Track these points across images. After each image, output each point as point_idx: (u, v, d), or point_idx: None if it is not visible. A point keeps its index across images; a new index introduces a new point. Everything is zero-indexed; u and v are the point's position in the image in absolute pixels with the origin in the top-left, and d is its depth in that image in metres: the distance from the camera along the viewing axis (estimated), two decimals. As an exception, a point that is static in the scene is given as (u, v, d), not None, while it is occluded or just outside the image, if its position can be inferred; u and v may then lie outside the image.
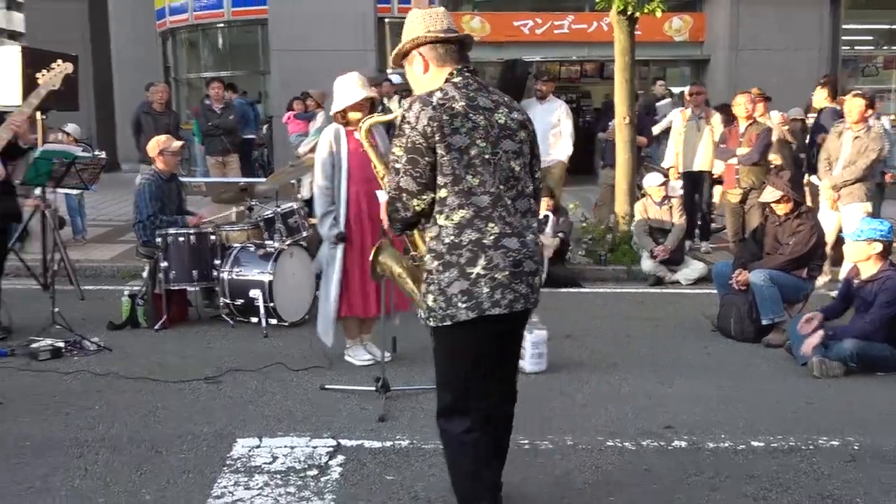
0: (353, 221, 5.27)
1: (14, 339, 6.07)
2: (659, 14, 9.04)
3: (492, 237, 2.89)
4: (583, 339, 6.28)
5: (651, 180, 8.69)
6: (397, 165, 2.91)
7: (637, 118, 9.65)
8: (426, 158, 2.87)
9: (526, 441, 4.23)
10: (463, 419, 3.04)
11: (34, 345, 5.70)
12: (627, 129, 9.24)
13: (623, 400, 4.93)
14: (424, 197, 2.91)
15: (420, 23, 3.04)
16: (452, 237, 2.90)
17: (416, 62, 3.08)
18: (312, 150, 9.97)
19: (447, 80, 3.00)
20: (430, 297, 2.96)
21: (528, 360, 5.34)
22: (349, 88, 5.17)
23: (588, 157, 14.10)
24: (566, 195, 10.64)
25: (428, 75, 3.07)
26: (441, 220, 2.92)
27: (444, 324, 2.94)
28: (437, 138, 2.85)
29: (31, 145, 6.53)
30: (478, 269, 2.89)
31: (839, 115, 8.23)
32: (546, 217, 8.31)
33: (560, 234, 8.28)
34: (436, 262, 2.94)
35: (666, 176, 9.11)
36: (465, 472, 3.08)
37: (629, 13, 8.94)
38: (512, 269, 2.91)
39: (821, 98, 9.09)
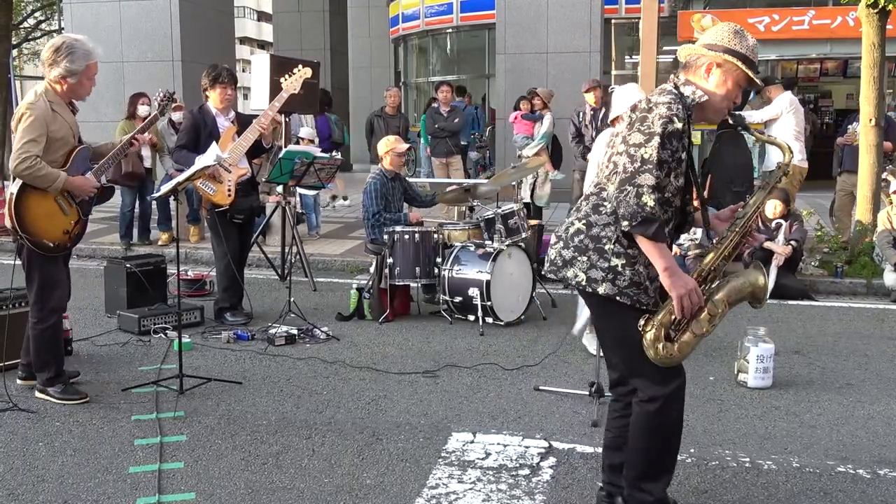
0: None
1: (254, 324, 6.59)
2: (918, 5, 8.33)
3: None
4: (813, 355, 5.89)
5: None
6: None
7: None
8: None
9: (747, 459, 4.03)
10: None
11: (272, 331, 6.14)
12: (873, 131, 8.58)
13: (857, 424, 4.57)
14: None
15: None
16: None
17: None
18: (537, 154, 10.07)
19: None
20: None
21: (752, 375, 5.09)
22: (630, 96, 5.10)
23: (826, 162, 13.22)
24: (800, 201, 10.01)
25: None
26: None
27: None
28: None
29: (273, 146, 7.04)
30: None
31: None
32: (778, 224, 7.87)
33: (792, 243, 7.80)
34: None
35: None
36: None
37: (880, 6, 8.33)
38: None
39: None
